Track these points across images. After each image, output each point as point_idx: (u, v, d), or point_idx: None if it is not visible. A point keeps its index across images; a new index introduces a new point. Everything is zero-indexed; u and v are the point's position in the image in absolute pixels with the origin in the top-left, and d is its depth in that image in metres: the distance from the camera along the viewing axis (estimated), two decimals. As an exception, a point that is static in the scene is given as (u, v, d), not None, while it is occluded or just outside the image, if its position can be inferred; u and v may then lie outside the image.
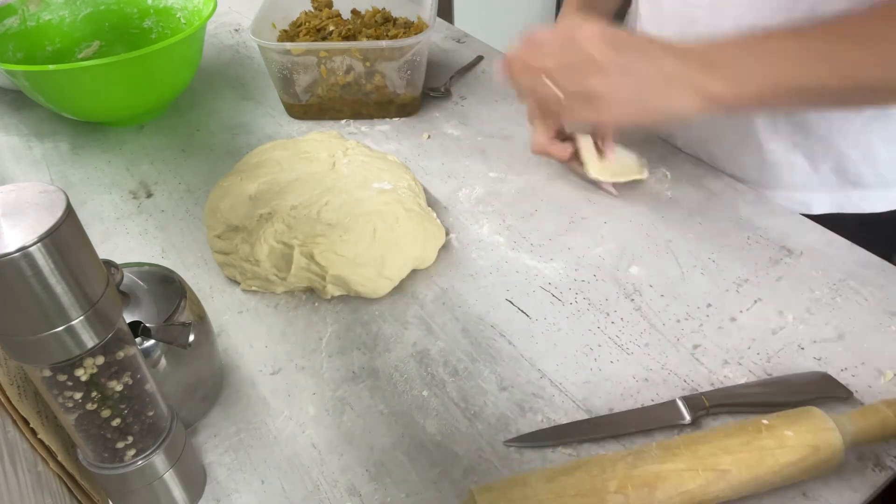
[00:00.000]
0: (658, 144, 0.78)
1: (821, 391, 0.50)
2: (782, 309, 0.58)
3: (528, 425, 0.50)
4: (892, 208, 0.70)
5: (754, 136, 0.70)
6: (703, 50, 0.52)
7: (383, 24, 0.87)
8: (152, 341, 0.45)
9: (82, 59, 0.93)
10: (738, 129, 0.71)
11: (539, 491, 0.42)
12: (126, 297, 0.45)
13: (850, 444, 0.44)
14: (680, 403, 0.50)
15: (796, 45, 0.51)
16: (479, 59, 0.97)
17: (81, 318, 0.34)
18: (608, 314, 0.58)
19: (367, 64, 0.81)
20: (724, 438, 0.44)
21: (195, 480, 0.47)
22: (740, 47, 0.52)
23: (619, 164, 0.69)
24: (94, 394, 0.37)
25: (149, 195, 0.76)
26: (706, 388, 0.52)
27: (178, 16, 0.94)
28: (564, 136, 0.70)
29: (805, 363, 0.53)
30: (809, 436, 0.43)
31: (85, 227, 0.34)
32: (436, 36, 1.05)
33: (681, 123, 0.56)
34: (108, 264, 0.41)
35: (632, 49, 0.53)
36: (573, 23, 0.54)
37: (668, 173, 0.74)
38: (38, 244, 0.30)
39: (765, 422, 0.44)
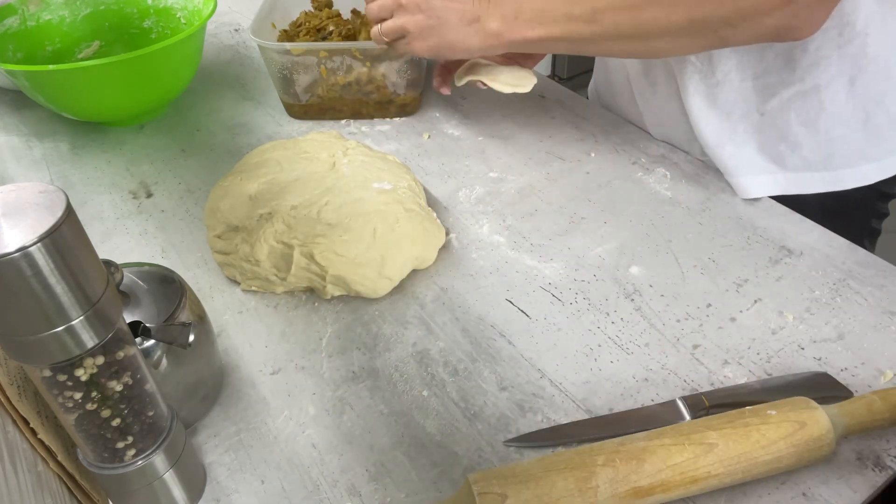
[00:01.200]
0: (658, 144, 0.78)
1: (821, 391, 0.50)
2: (782, 309, 0.58)
3: (527, 425, 0.50)
4: (820, 191, 0.69)
5: (694, 123, 0.71)
6: None
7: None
8: (152, 341, 0.45)
9: (82, 59, 0.93)
10: (684, 118, 0.73)
11: (529, 467, 0.43)
12: (126, 297, 0.45)
13: (842, 431, 0.45)
14: (680, 403, 0.50)
15: None
16: None
17: (81, 318, 0.34)
18: (608, 314, 0.58)
19: (368, 64, 0.81)
20: (708, 421, 0.45)
21: (195, 480, 0.47)
22: None
23: (513, 76, 0.75)
24: (94, 394, 0.37)
25: (149, 195, 0.76)
26: (706, 388, 0.52)
27: (178, 16, 0.94)
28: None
29: (805, 363, 0.53)
30: (793, 413, 0.44)
31: (85, 227, 0.35)
32: (436, 36, 1.04)
33: (473, 54, 0.70)
34: (108, 264, 0.41)
35: None
36: None
37: (667, 173, 0.74)
38: (38, 244, 0.31)
39: (748, 408, 0.45)
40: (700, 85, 0.68)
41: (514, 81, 0.74)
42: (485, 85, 0.74)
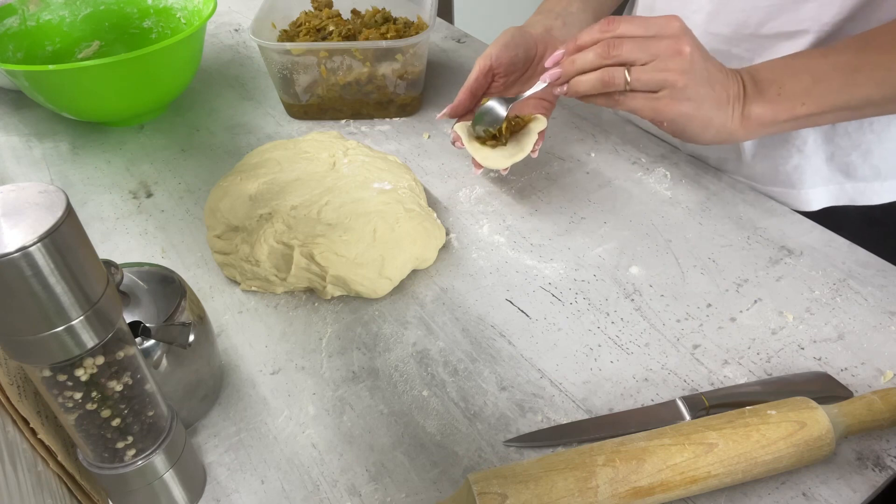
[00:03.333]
0: (658, 144, 0.78)
1: (821, 391, 0.50)
2: (782, 309, 0.58)
3: (527, 425, 0.50)
4: (889, 200, 0.70)
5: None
6: (753, 72, 0.56)
7: (383, 23, 0.87)
8: (152, 341, 0.45)
9: (82, 59, 0.93)
10: None
11: (529, 467, 0.43)
12: (126, 297, 0.45)
13: (842, 431, 0.45)
14: (680, 403, 0.50)
15: (828, 64, 0.53)
16: None
17: (81, 318, 0.34)
18: (608, 314, 0.58)
19: (367, 64, 0.81)
20: (708, 421, 0.45)
21: (195, 480, 0.47)
22: (781, 70, 0.55)
23: (504, 150, 0.67)
24: (94, 394, 0.37)
25: (149, 195, 0.76)
26: (706, 388, 0.52)
27: (178, 16, 0.94)
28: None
29: (805, 363, 0.53)
30: (793, 413, 0.44)
31: (85, 227, 0.34)
32: (436, 36, 1.05)
33: (719, 142, 0.58)
34: (108, 264, 0.41)
35: (710, 58, 0.55)
36: (656, 17, 0.54)
37: (667, 173, 0.74)
38: (38, 244, 0.30)
39: (748, 408, 0.45)
40: None
41: (510, 152, 0.66)
42: (478, 167, 0.68)
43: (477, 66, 0.68)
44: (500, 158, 0.65)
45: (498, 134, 0.67)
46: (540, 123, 0.67)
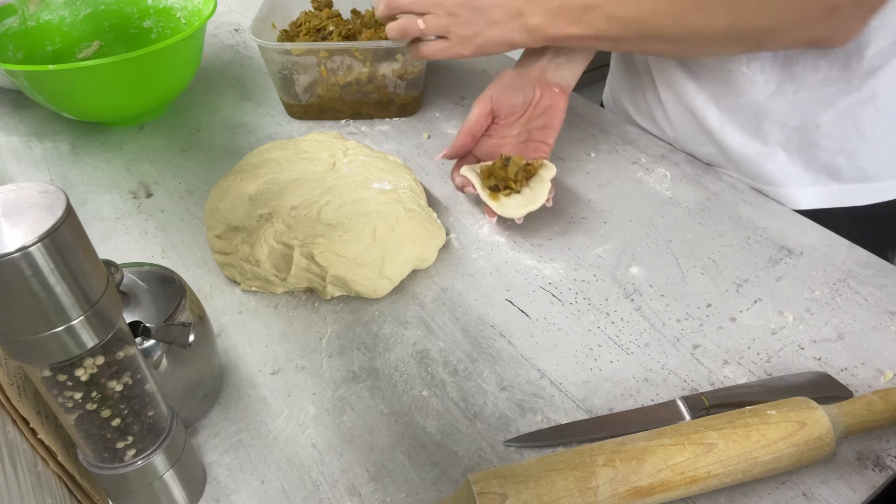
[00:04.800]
0: (658, 144, 0.78)
1: (821, 391, 0.50)
2: (782, 309, 0.58)
3: (527, 425, 0.50)
4: (876, 202, 0.69)
5: (737, 132, 0.70)
6: None
7: (383, 23, 0.87)
8: (152, 341, 0.45)
9: (82, 59, 0.93)
10: (721, 127, 0.72)
11: (529, 467, 0.43)
12: (126, 297, 0.45)
13: (842, 431, 0.45)
14: (680, 403, 0.50)
15: None
16: None
17: (81, 318, 0.34)
18: (608, 314, 0.58)
19: (367, 64, 0.81)
20: (708, 421, 0.45)
21: (195, 480, 0.47)
22: None
23: (519, 198, 0.65)
24: (94, 394, 0.37)
25: (149, 195, 0.76)
26: (706, 388, 0.52)
27: (178, 16, 0.94)
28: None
29: (805, 363, 0.53)
30: (793, 413, 0.44)
31: (85, 227, 0.34)
32: (436, 36, 1.04)
33: (515, 48, 0.67)
34: (108, 264, 0.41)
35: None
36: None
37: (667, 173, 0.74)
38: (38, 244, 0.30)
39: (748, 408, 0.45)
40: (752, 96, 0.68)
41: (525, 201, 0.65)
42: (492, 214, 0.66)
43: (477, 107, 0.68)
44: (516, 207, 0.65)
45: (512, 182, 0.66)
46: (550, 171, 0.66)
